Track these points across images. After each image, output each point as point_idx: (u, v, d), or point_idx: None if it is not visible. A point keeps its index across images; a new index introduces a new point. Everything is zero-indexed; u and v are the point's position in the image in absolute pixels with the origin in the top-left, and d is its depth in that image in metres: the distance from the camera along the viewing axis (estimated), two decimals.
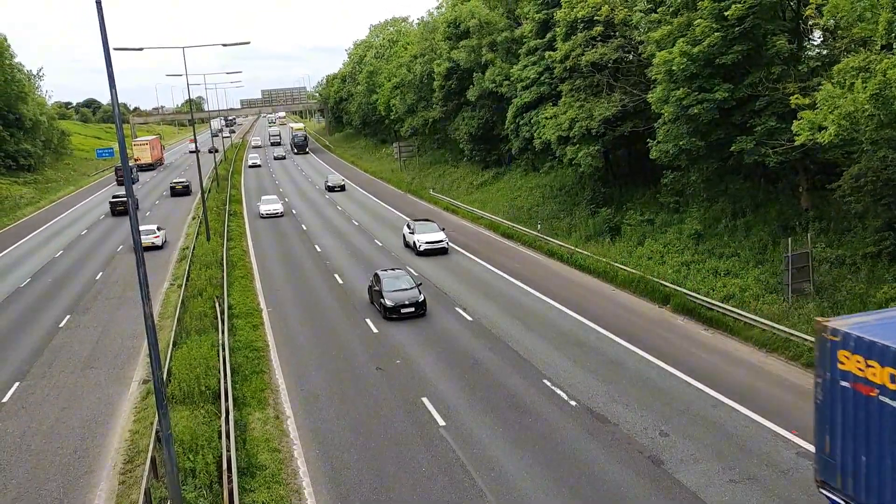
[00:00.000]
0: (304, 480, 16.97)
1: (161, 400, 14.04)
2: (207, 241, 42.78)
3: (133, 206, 13.32)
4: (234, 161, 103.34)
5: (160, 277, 37.35)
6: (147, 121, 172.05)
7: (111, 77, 13.16)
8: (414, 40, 79.66)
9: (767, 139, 26.49)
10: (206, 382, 21.28)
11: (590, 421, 19.04)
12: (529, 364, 23.12)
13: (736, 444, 17.42)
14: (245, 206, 62.88)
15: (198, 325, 26.72)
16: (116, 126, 13.74)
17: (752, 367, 22.08)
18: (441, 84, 63.73)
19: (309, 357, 25.01)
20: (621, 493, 15.64)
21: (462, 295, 31.18)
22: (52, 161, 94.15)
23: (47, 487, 17.32)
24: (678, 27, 28.58)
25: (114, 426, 20.57)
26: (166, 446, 14.00)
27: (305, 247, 43.74)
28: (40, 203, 72.63)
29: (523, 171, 53.87)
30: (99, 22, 13.10)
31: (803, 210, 28.86)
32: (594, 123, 35.95)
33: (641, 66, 35.10)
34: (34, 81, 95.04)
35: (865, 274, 23.92)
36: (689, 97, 27.64)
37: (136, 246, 13.60)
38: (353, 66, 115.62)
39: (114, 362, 25.62)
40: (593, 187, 42.27)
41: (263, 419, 20.14)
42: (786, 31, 27.19)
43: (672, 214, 34.80)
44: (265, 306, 31.33)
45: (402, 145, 78.32)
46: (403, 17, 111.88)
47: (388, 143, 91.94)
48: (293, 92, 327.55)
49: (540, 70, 43.93)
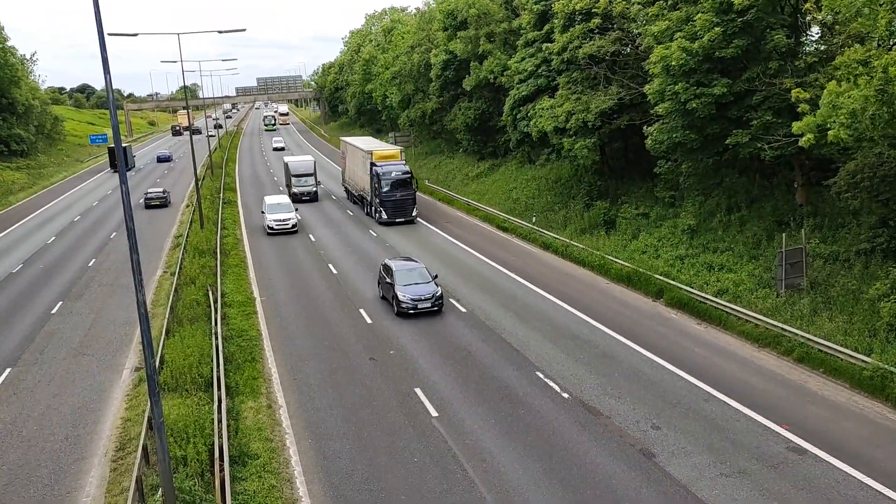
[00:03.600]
0: (296, 469, 16.99)
1: (153, 388, 13.99)
2: (201, 229, 42.62)
3: (125, 193, 13.22)
4: (228, 149, 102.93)
5: (153, 265, 37.22)
6: (141, 107, 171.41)
7: (105, 62, 13.04)
8: (411, 30, 79.23)
9: (764, 134, 26.50)
10: (199, 371, 21.24)
11: (582, 413, 19.09)
12: (522, 356, 23.15)
13: (727, 438, 17.50)
14: (239, 193, 62.62)
15: (191, 314, 26.62)
16: (111, 112, 13.63)
17: (745, 362, 22.17)
18: (438, 74, 63.49)
19: (302, 346, 24.98)
20: (612, 485, 15.70)
21: (456, 286, 31.16)
22: (45, 147, 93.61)
23: (38, 474, 17.28)
24: (677, 22, 28.51)
25: (105, 413, 20.52)
26: (158, 434, 13.97)
27: (299, 236, 43.63)
28: (33, 189, 72.28)
29: (519, 163, 53.79)
30: (94, 6, 12.99)
31: (798, 206, 28.90)
32: (591, 116, 35.88)
33: (639, 59, 35.01)
34: (27, 66, 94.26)
35: (859, 270, 23.99)
36: (687, 92, 27.61)
37: (129, 233, 13.51)
38: (350, 56, 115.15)
39: (106, 349, 25.54)
40: (589, 180, 42.26)
41: (256, 408, 20.13)
42: (784, 25, 27.15)
43: (667, 208, 34.81)
44: (259, 295, 31.26)
45: (398, 135, 78.02)
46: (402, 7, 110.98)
47: (384, 133, 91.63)
48: (289, 80, 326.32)
49: (537, 62, 43.79)
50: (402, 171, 45.91)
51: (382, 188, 45.34)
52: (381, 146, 52.66)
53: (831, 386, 20.20)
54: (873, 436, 17.43)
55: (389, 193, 45.53)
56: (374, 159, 46.69)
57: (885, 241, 23.86)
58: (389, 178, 45.59)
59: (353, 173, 54.30)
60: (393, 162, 46.97)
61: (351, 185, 55.27)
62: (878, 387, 19.26)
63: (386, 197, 45.32)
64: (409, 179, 45.93)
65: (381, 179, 45.52)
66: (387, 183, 45.63)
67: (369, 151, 47.59)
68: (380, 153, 47.71)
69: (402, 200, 45.58)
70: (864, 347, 20.66)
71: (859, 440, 17.18)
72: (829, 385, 20.27)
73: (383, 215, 45.47)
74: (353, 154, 53.65)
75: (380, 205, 45.85)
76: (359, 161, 50.67)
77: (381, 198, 45.43)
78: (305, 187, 55.70)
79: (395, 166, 46.41)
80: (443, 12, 61.45)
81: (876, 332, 21.09)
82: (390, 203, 45.36)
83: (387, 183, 45.63)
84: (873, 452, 16.57)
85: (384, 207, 45.47)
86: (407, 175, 45.93)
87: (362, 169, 49.39)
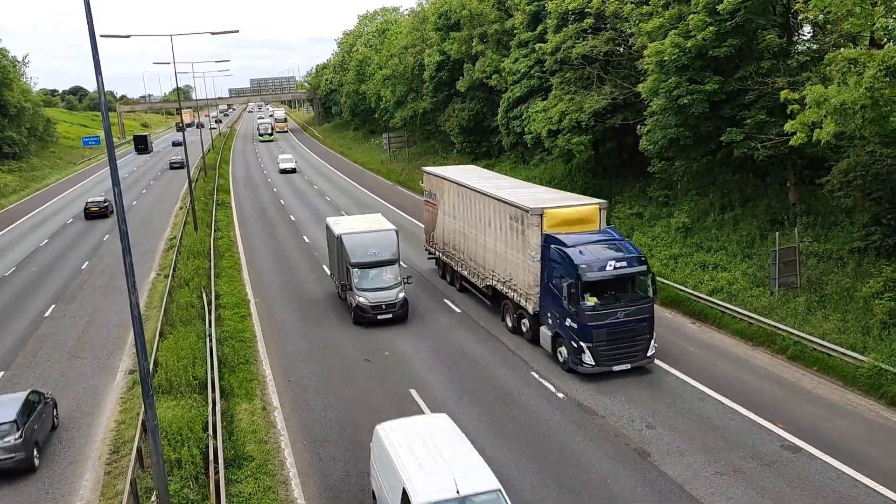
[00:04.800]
0: (291, 472, 16.95)
1: (147, 390, 13.94)
2: (195, 231, 42.52)
3: (118, 194, 13.18)
4: (221, 150, 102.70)
5: (147, 267, 37.09)
6: (134, 109, 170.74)
7: (97, 64, 12.99)
8: (404, 30, 79.22)
9: (757, 133, 26.59)
10: (193, 373, 21.18)
11: (577, 413, 19.10)
12: (518, 357, 23.14)
13: (722, 437, 17.53)
14: (233, 195, 62.49)
15: (185, 316, 26.55)
16: (103, 115, 13.58)
17: (738, 360, 22.22)
18: (432, 75, 63.50)
19: (297, 348, 24.93)
20: (608, 484, 15.71)
21: (450, 287, 31.12)
22: (37, 149, 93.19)
23: (32, 477, 17.19)
24: (669, 19, 28.59)
25: (99, 416, 20.44)
26: (152, 437, 13.92)
27: (294, 237, 43.55)
28: (25, 191, 71.97)
29: (513, 164, 53.83)
30: (85, 8, 12.93)
31: (791, 204, 28.99)
32: (584, 116, 35.95)
33: (632, 59, 35.09)
34: (19, 68, 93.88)
35: (852, 268, 24.07)
36: (680, 88, 27.71)
37: (122, 235, 13.45)
38: (343, 57, 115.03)
39: (99, 352, 25.44)
40: (583, 180, 42.29)
41: (251, 410, 20.08)
42: (776, 25, 27.25)
43: (661, 208, 34.89)
44: (253, 297, 31.19)
45: (392, 136, 77.99)
46: (394, 7, 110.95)
47: (378, 134, 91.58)
48: (283, 82, 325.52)
49: (531, 63, 43.86)
50: (624, 257, 21.28)
51: (584, 301, 20.80)
52: (541, 193, 26.50)
53: (825, 384, 20.25)
54: (868, 434, 17.49)
55: (602, 314, 20.84)
56: (547, 226, 22.42)
57: (878, 240, 23.95)
58: (598, 274, 20.78)
59: (467, 242, 28.33)
60: (591, 234, 22.39)
61: (460, 262, 29.20)
62: (872, 385, 19.33)
63: (594, 321, 20.73)
64: (640, 276, 21.57)
65: (583, 279, 20.65)
66: (593, 285, 20.87)
67: (524, 208, 23.04)
68: (559, 213, 22.60)
69: (629, 329, 21.06)
70: (858, 345, 20.74)
71: (854, 438, 17.23)
72: (823, 383, 20.32)
73: (586, 358, 20.95)
74: (466, 203, 28.04)
75: (577, 334, 20.94)
76: (490, 219, 25.82)
77: (582, 320, 20.79)
78: (385, 290, 26.57)
79: (601, 244, 21.80)
80: (435, 13, 61.48)
81: (869, 329, 21.17)
82: (604, 334, 20.77)
83: (593, 285, 20.87)
84: (868, 450, 16.62)
85: (588, 340, 20.84)
86: (637, 268, 21.34)
87: (509, 241, 24.42)
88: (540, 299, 22.98)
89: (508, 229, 24.49)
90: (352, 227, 29.12)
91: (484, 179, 30.32)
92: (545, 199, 24.32)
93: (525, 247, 23.36)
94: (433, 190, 32.33)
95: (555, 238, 22.08)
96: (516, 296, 24.35)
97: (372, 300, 26.24)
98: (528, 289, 23.43)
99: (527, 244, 23.19)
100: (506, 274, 25.08)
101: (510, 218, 24.25)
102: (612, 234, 22.76)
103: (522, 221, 23.33)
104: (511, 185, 29.14)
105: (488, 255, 26.49)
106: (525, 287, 23.64)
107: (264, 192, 64.34)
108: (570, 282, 20.90)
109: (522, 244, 23.54)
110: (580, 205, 23.32)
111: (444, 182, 30.88)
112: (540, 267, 22.71)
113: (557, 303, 21.74)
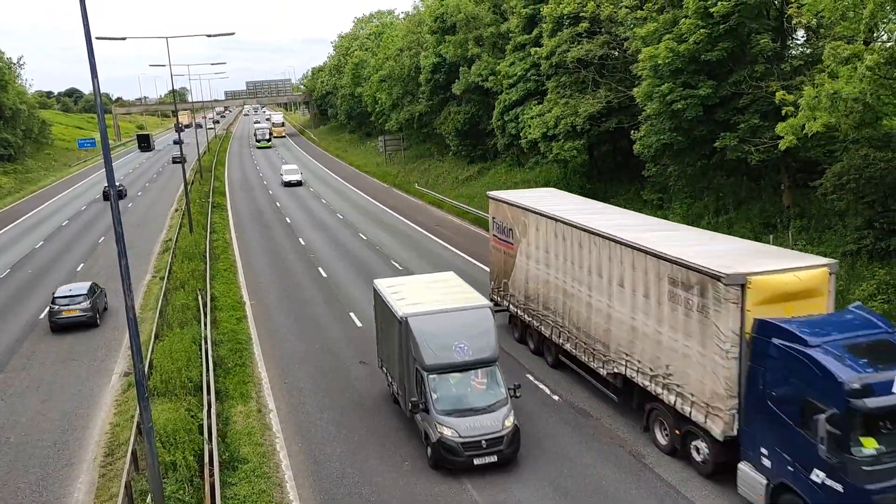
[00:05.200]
0: (286, 474, 16.96)
1: (142, 393, 13.94)
2: (191, 233, 42.48)
3: (114, 196, 13.21)
4: (217, 152, 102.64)
5: (142, 269, 37.05)
6: (130, 111, 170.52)
7: (93, 67, 13.00)
8: (400, 33, 79.30)
9: (751, 137, 26.71)
10: (188, 375, 21.16)
11: (572, 415, 19.14)
12: (513, 359, 23.18)
13: None
14: (228, 197, 62.47)
15: (180, 318, 26.53)
16: (98, 117, 13.59)
17: None
18: (428, 78, 63.58)
19: (292, 350, 24.93)
20: (603, 486, 15.75)
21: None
22: (32, 151, 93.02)
23: (26, 480, 17.19)
24: (664, 24, 28.71)
25: (94, 419, 20.43)
26: (147, 439, 13.92)
27: (290, 240, 43.55)
28: (20, 193, 71.82)
29: (508, 167, 53.90)
30: (81, 10, 12.97)
31: (785, 207, 29.11)
32: (579, 120, 36.07)
33: (626, 63, 35.21)
34: (14, 70, 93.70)
35: (845, 271, 24.16)
36: (674, 92, 27.82)
37: (117, 237, 13.47)
38: (339, 59, 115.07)
39: (94, 354, 25.42)
40: (578, 183, 42.37)
41: (246, 412, 20.08)
42: (770, 29, 27.39)
43: (655, 211, 34.94)
44: (248, 299, 31.18)
45: (388, 139, 78.07)
46: (389, 10, 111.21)
47: (374, 137, 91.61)
48: (279, 84, 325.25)
49: (526, 67, 43.98)
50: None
51: (856, 446, 11.91)
52: (708, 241, 18.04)
53: None
54: None
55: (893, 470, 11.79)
56: (753, 302, 13.96)
57: (870, 243, 24.06)
58: (886, 399, 11.83)
59: (570, 303, 20.40)
60: (839, 320, 13.75)
61: (557, 327, 21.27)
62: None
63: (878, 481, 11.70)
64: None
65: (859, 409, 11.77)
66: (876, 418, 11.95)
67: (709, 272, 14.47)
68: (773, 283, 14.07)
69: None
70: None
71: None
72: None
73: None
74: (569, 247, 20.13)
75: (841, 500, 11.93)
76: (623, 278, 17.61)
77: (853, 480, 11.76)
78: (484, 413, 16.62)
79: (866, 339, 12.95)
80: (431, 16, 61.59)
81: None
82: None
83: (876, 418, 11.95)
84: None
85: None
86: None
87: (667, 318, 16.01)
88: (743, 421, 14.28)
89: (667, 299, 15.93)
90: (419, 297, 18.52)
91: (595, 215, 21.11)
92: (729, 254, 15.73)
93: (705, 332, 14.75)
94: (506, 223, 23.99)
95: (777, 327, 13.39)
96: (681, 403, 15.71)
97: (465, 434, 16.13)
98: (710, 398, 14.79)
99: (711, 329, 14.57)
100: (657, 365, 16.40)
101: (670, 282, 15.75)
102: (868, 317, 13.72)
103: (703, 293, 14.70)
104: (641, 224, 20.19)
105: (618, 330, 17.92)
106: (704, 395, 14.95)
107: (260, 195, 64.34)
108: (831, 413, 11.95)
109: (700, 328, 14.94)
110: (802, 267, 14.50)
111: (527, 214, 22.39)
112: (740, 368, 14.12)
113: (788, 437, 13.07)
